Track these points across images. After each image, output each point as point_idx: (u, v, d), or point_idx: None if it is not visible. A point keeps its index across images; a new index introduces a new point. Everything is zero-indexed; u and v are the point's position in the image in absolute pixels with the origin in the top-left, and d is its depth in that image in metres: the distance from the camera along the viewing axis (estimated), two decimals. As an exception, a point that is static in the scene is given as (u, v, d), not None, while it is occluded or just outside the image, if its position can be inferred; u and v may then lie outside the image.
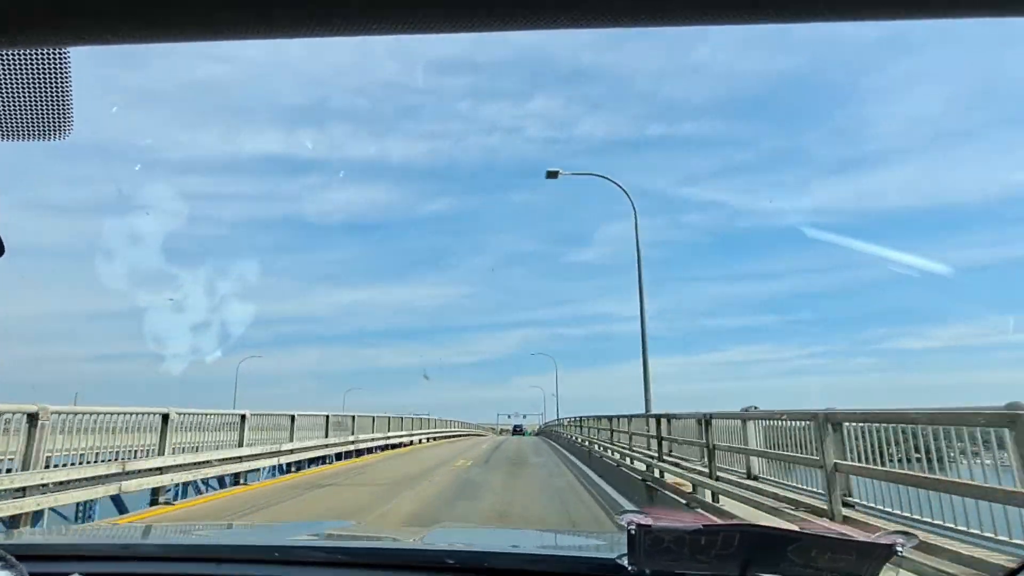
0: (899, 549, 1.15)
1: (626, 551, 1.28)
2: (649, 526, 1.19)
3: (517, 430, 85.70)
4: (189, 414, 11.67)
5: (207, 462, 11.80)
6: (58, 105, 0.86)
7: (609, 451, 16.82)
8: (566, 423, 35.70)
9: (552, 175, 19.20)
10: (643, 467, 12.03)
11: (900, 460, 5.02)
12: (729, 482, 7.49)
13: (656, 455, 11.55)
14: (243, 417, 13.37)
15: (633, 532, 1.20)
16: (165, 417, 10.75)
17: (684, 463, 10.61)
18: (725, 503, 7.31)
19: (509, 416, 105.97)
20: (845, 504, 5.26)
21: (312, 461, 17.60)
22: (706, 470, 8.34)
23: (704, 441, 8.34)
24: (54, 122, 0.87)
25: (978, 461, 4.22)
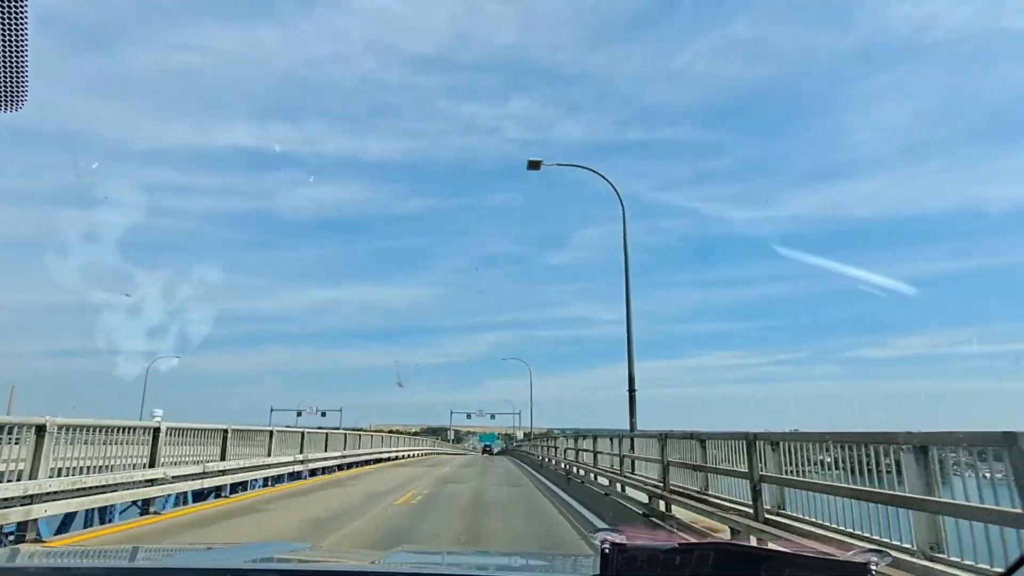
0: (873, 568, 1.13)
1: (597, 571, 1.21)
2: (623, 545, 1.15)
3: (487, 449, 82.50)
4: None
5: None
6: (10, 69, 0.79)
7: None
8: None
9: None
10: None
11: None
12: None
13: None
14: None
15: (607, 551, 1.15)
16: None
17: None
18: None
19: (469, 416, 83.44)
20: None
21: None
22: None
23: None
24: (5, 91, 0.81)
25: None
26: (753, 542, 6.00)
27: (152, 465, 10.87)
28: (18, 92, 0.88)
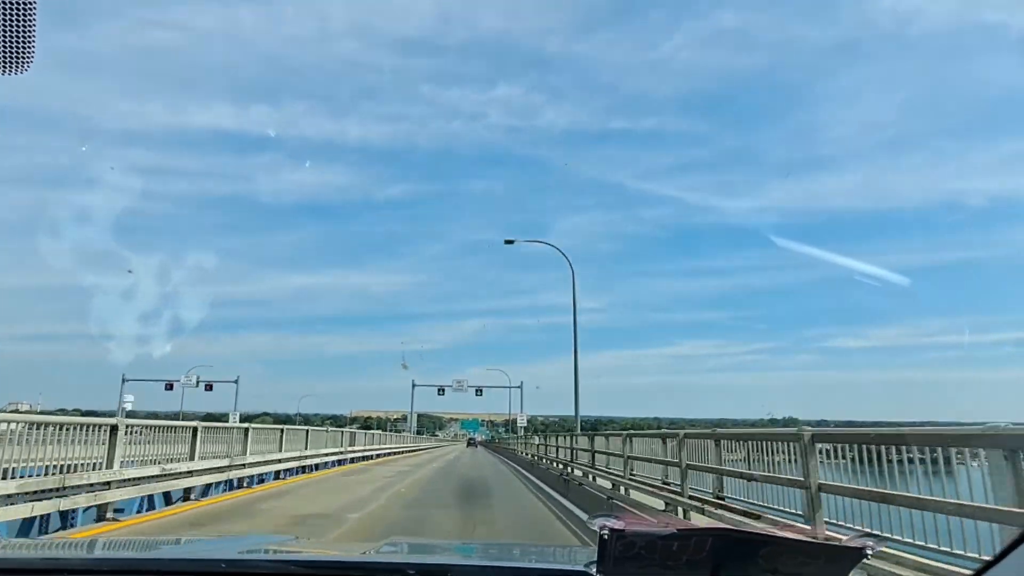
0: (868, 552, 1.14)
1: (593, 559, 1.24)
2: (622, 531, 1.13)
3: (471, 442, 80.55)
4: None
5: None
6: (18, 28, 0.79)
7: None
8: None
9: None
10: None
11: None
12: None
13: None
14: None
15: (606, 536, 1.13)
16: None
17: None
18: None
19: (441, 391, 58.75)
20: None
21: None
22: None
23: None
24: (12, 49, 0.81)
25: None
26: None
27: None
28: (25, 52, 0.90)
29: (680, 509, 8.32)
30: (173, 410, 56.33)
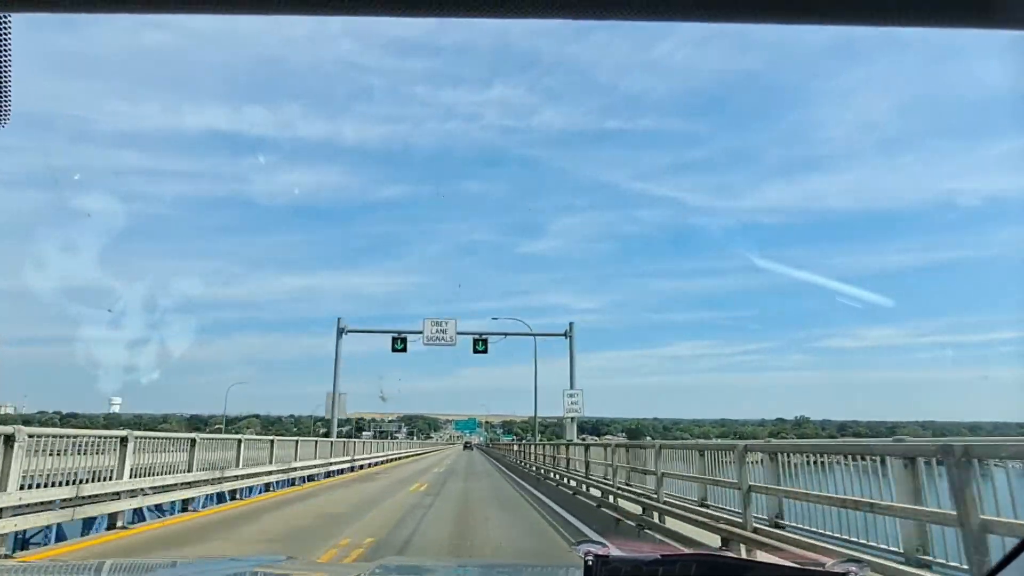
0: None
1: None
2: (607, 557, 1.13)
3: (467, 445, 79.63)
4: None
5: None
6: None
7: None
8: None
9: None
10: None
11: None
12: None
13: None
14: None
15: (590, 563, 1.13)
16: None
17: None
18: None
19: (401, 344, 34.46)
20: None
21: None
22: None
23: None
24: None
25: None
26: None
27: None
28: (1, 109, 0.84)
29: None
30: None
